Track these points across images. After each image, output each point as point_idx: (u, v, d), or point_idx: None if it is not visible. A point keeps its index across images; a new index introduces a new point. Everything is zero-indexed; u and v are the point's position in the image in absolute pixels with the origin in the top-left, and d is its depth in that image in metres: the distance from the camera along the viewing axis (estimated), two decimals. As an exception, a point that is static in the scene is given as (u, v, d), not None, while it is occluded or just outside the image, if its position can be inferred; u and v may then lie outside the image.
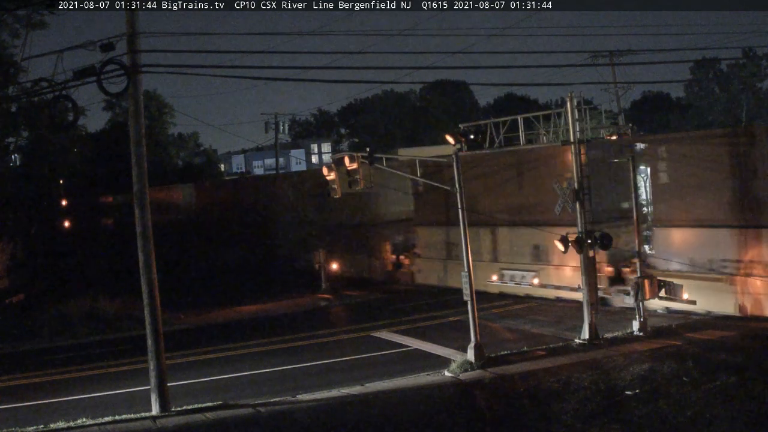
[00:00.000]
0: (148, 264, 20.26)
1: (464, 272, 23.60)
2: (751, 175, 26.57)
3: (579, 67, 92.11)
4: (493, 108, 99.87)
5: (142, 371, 22.01)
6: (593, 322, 25.03)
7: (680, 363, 21.61)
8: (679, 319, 27.15)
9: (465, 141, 24.82)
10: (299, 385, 22.33)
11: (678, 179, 28.96)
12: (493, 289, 34.95)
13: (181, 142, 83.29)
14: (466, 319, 23.68)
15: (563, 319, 29.06)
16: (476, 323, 23.21)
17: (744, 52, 79.52)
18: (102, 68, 18.34)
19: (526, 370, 22.21)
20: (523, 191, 34.41)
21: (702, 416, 17.95)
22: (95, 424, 19.37)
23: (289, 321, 34.11)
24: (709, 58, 77.20)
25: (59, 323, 33.68)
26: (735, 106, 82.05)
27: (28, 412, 21.29)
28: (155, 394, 20.04)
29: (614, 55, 55.00)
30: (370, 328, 30.40)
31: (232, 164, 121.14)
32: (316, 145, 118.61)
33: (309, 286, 41.18)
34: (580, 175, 25.12)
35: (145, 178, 20.29)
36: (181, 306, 36.18)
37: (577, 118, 25.88)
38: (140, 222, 20.24)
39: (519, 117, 27.99)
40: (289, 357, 26.60)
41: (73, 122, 22.09)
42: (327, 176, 27.22)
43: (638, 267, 25.93)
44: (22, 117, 43.46)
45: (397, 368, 23.55)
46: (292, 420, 19.20)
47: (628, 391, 19.96)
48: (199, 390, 22.66)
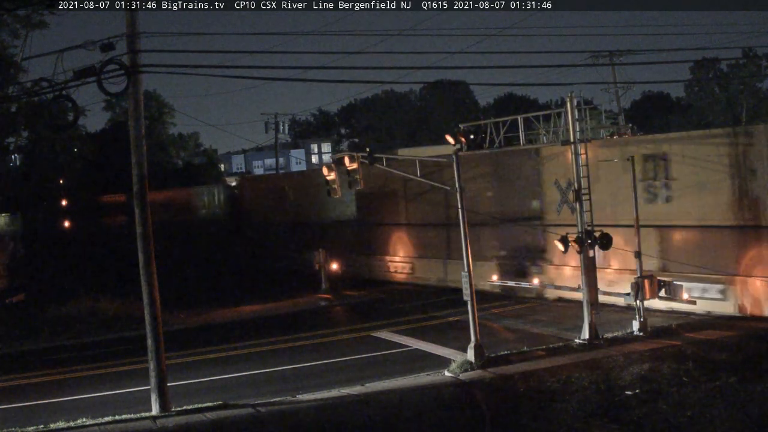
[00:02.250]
0: (148, 264, 20.27)
1: (464, 272, 23.60)
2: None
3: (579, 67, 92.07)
4: (493, 108, 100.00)
5: (142, 371, 22.01)
6: (593, 322, 25.03)
7: (680, 363, 21.61)
8: (679, 319, 27.16)
9: (465, 141, 24.82)
10: (299, 385, 22.34)
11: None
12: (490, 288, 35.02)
13: (181, 142, 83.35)
14: (466, 319, 23.69)
15: (563, 319, 29.06)
16: (476, 323, 23.21)
17: (744, 52, 79.61)
18: (102, 68, 18.36)
19: (526, 370, 22.21)
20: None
21: (702, 416, 17.92)
22: (95, 424, 19.37)
23: (289, 321, 34.09)
24: (709, 58, 77.29)
25: (59, 323, 33.66)
26: (735, 106, 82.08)
27: (28, 412, 21.30)
28: (155, 394, 20.05)
29: (614, 55, 55.04)
30: (370, 328, 30.40)
31: (232, 164, 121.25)
32: (316, 145, 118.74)
33: (309, 286, 41.16)
34: (580, 175, 25.14)
35: (145, 178, 20.30)
36: (181, 306, 36.17)
37: (577, 118, 25.88)
38: (140, 222, 20.24)
39: (519, 117, 27.98)
40: (289, 357, 26.60)
41: (73, 122, 22.16)
42: (327, 176, 27.23)
43: (638, 267, 25.95)
44: (22, 117, 43.48)
45: (397, 368, 23.55)
46: (292, 420, 19.21)
47: (628, 391, 19.96)
48: (199, 390, 22.66)
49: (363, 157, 25.67)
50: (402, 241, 42.49)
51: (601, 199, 28.16)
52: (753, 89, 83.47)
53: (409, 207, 41.98)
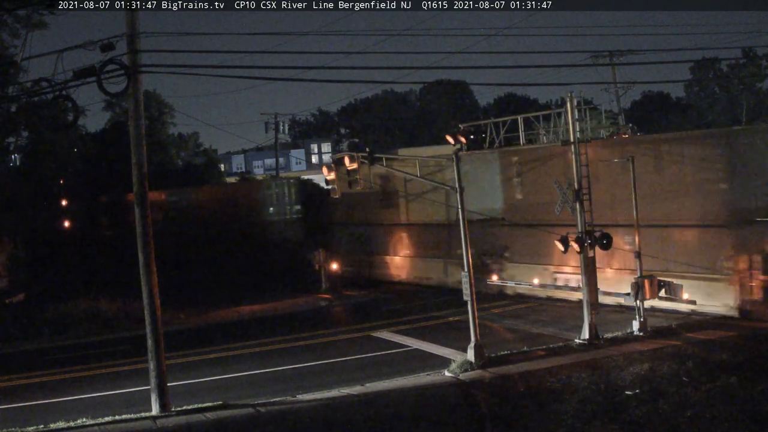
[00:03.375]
0: (148, 264, 20.26)
1: (464, 272, 23.60)
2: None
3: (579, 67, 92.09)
4: (493, 108, 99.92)
5: (142, 371, 22.02)
6: (593, 322, 25.04)
7: (680, 363, 21.62)
8: (679, 319, 27.16)
9: (465, 141, 24.84)
10: (299, 385, 22.34)
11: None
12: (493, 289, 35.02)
13: (181, 142, 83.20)
14: (466, 319, 23.69)
15: (563, 319, 29.07)
16: (476, 323, 23.21)
17: (744, 52, 79.50)
18: (102, 68, 18.35)
19: (526, 370, 22.22)
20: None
21: (702, 416, 17.94)
22: (95, 424, 19.37)
23: (289, 321, 34.10)
24: (709, 58, 77.18)
25: (59, 323, 33.68)
26: (735, 106, 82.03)
27: (28, 412, 21.30)
28: (155, 394, 20.05)
29: (614, 55, 54.99)
30: (370, 328, 30.41)
31: (232, 164, 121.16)
32: (316, 145, 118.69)
33: (309, 286, 41.16)
34: (580, 175, 25.14)
35: (145, 178, 20.30)
36: (181, 306, 36.17)
37: (577, 118, 25.91)
38: (140, 222, 20.24)
39: (519, 117, 28.06)
40: (289, 357, 26.61)
41: (73, 122, 22.16)
42: (327, 176, 27.23)
43: (638, 267, 25.95)
44: (22, 117, 43.49)
45: (397, 368, 23.56)
46: (292, 420, 19.21)
47: (628, 391, 19.96)
48: (199, 390, 22.66)
49: (363, 157, 25.68)
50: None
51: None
52: (753, 89, 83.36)
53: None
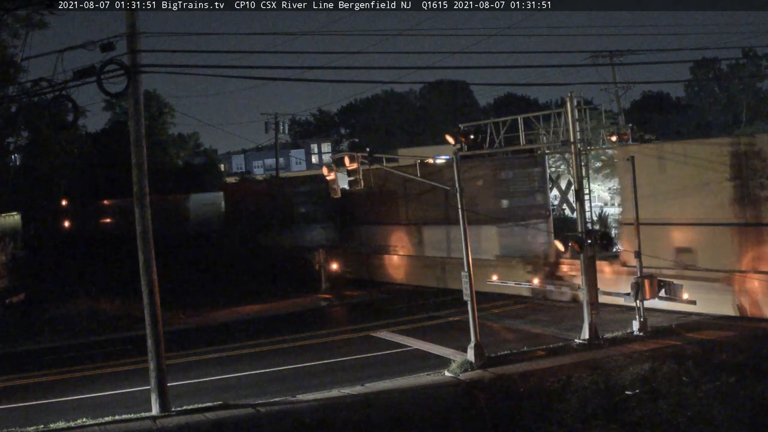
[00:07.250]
0: (148, 264, 20.27)
1: (464, 272, 23.60)
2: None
3: (579, 67, 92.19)
4: (493, 108, 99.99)
5: (142, 371, 22.02)
6: (593, 322, 25.04)
7: (680, 363, 21.61)
8: (679, 319, 27.15)
9: (465, 141, 24.85)
10: (299, 385, 22.34)
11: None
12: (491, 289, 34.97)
13: (181, 142, 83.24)
14: (466, 319, 23.69)
15: (563, 319, 29.07)
16: (476, 323, 23.22)
17: (744, 52, 79.60)
18: (102, 68, 18.35)
19: (526, 370, 22.22)
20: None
21: (702, 416, 17.95)
22: (95, 424, 19.38)
23: (289, 321, 34.09)
24: (709, 58, 77.30)
25: (59, 323, 33.63)
26: (735, 106, 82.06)
27: (28, 412, 21.29)
28: (155, 394, 20.05)
29: (614, 55, 55.00)
30: (370, 328, 30.41)
31: (232, 164, 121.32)
32: (316, 145, 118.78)
33: (309, 286, 41.15)
34: (580, 175, 25.17)
35: (146, 178, 20.30)
36: (181, 306, 36.17)
37: (577, 118, 25.89)
38: (140, 222, 20.24)
39: (519, 117, 28.02)
40: (289, 357, 26.60)
41: (73, 122, 22.16)
42: (327, 176, 27.22)
43: (638, 267, 25.95)
44: (22, 117, 43.46)
45: (397, 368, 23.55)
46: (292, 420, 19.21)
47: (628, 391, 19.97)
48: (199, 390, 22.67)
49: (363, 157, 25.68)
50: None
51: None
52: (753, 89, 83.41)
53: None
